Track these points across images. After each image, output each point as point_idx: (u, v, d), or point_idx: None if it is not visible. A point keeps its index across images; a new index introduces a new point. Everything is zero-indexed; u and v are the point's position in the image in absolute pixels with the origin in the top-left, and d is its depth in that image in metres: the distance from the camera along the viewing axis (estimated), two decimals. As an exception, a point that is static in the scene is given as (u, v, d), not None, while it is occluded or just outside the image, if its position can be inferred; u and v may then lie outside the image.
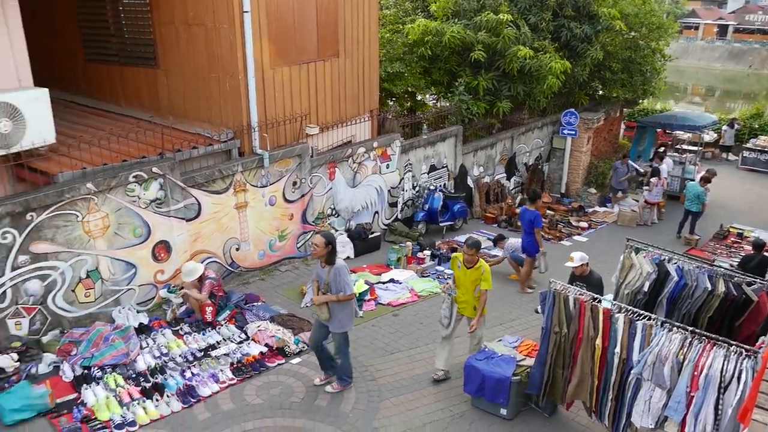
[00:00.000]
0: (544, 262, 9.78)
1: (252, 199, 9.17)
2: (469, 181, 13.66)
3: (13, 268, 6.72)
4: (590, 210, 14.78)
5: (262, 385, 6.65)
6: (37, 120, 7.08)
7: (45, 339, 7.05)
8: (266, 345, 7.30)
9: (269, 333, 7.42)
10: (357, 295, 8.48)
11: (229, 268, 9.12)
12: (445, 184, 12.97)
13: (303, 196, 9.94)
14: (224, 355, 7.07)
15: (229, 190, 8.82)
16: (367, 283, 8.95)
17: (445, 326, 6.85)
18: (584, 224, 13.59)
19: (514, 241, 10.11)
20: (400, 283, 9.41)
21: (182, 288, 7.88)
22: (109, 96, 10.43)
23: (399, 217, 12.15)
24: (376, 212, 11.62)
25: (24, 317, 6.91)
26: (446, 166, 12.97)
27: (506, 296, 9.34)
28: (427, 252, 10.68)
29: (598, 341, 5.63)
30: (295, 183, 9.78)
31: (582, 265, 7.45)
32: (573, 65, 14.28)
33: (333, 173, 10.49)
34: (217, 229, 8.79)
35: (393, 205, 11.97)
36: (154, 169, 7.77)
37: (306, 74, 10.16)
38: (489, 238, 11.68)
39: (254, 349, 7.20)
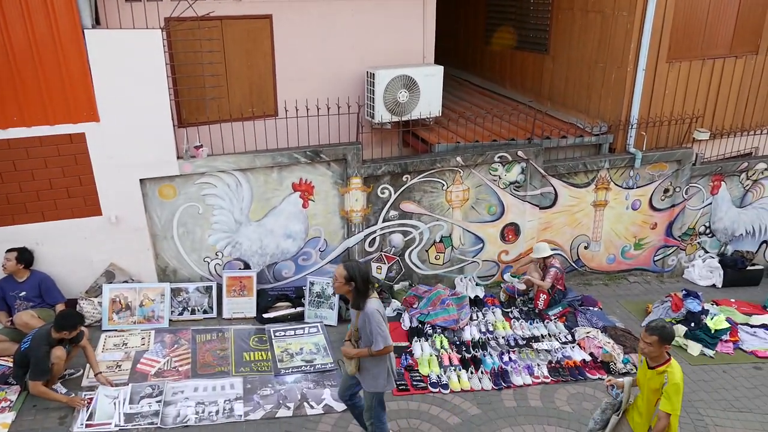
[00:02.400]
0: None
1: (613, 199, 8.59)
2: None
3: (384, 220, 7.72)
4: None
5: (575, 393, 6.28)
6: (429, 94, 7.89)
7: (396, 287, 7.97)
8: (591, 354, 6.85)
9: (597, 342, 6.93)
10: (714, 332, 7.31)
11: (573, 265, 8.79)
12: None
13: (673, 206, 8.87)
14: (545, 350, 6.90)
15: (591, 185, 8.42)
16: (729, 321, 7.56)
17: None
18: None
19: None
20: (776, 333, 7.69)
21: (525, 274, 7.94)
22: (498, 78, 10.97)
23: (797, 254, 9.90)
24: (765, 242, 9.67)
25: (384, 264, 7.92)
26: None
27: None
28: (826, 305, 8.45)
29: None
30: (666, 190, 8.78)
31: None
32: None
33: (717, 187, 9.06)
34: (569, 223, 8.52)
35: (791, 237, 9.79)
36: (519, 153, 7.90)
37: (709, 71, 8.91)
38: None
39: (577, 355, 6.84)
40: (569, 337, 7.22)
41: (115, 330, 6.74)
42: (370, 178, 7.47)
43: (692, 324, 7.44)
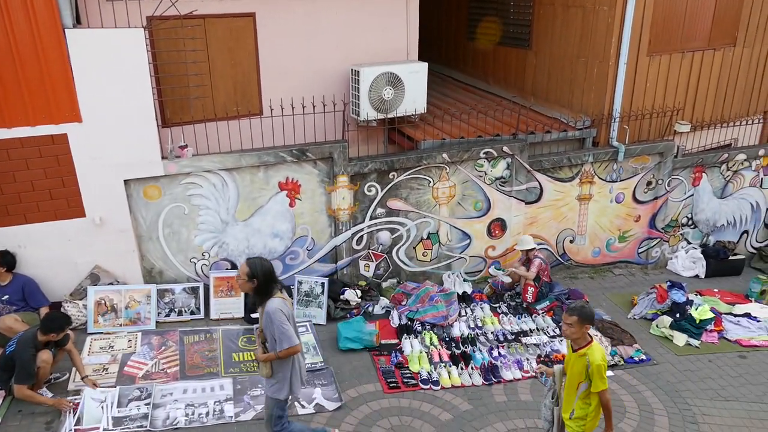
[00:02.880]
0: None
1: (597, 192, 8.67)
2: None
3: (372, 218, 7.71)
4: None
5: (565, 387, 6.33)
6: (414, 91, 7.89)
7: (384, 284, 7.98)
8: (579, 347, 6.90)
9: (585, 336, 6.99)
10: (698, 322, 7.41)
11: (559, 259, 8.86)
12: None
13: (656, 198, 8.97)
14: (534, 345, 6.95)
15: (575, 179, 8.49)
16: (713, 311, 7.67)
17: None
18: None
19: None
20: (758, 321, 7.80)
21: (510, 267, 7.99)
22: (481, 73, 11.00)
23: (776, 243, 10.08)
24: (746, 232, 9.83)
25: (372, 261, 7.91)
26: None
27: None
28: (807, 293, 8.61)
29: None
30: (649, 183, 8.88)
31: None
32: None
33: (698, 178, 9.18)
34: (554, 217, 8.58)
35: (771, 227, 9.97)
36: (505, 149, 7.93)
37: (688, 64, 9.02)
38: None
39: (565, 348, 6.88)
40: (557, 331, 7.27)
41: (101, 333, 6.66)
42: (357, 175, 7.45)
43: (677, 315, 7.53)
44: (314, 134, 7.47)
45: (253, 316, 7.13)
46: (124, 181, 6.57)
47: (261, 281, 4.27)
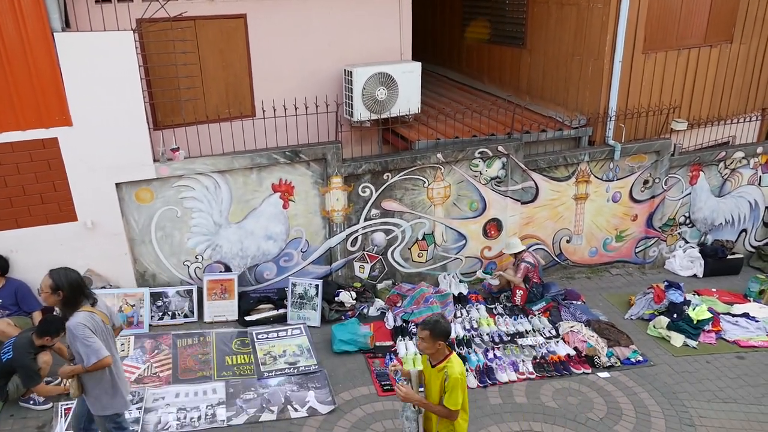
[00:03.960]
0: None
1: (594, 191, 8.62)
2: None
3: (366, 219, 7.67)
4: None
5: (561, 389, 6.28)
6: (407, 91, 7.84)
7: (379, 286, 7.93)
8: (575, 348, 6.86)
9: (581, 337, 6.94)
10: (696, 323, 7.35)
11: (556, 259, 8.81)
12: None
13: (653, 197, 8.91)
14: (530, 346, 6.89)
15: (571, 178, 8.43)
16: (711, 311, 7.61)
17: None
18: None
19: None
20: (757, 321, 7.75)
21: (498, 270, 7.96)
22: (476, 73, 10.95)
23: (775, 241, 10.02)
24: (744, 230, 9.77)
25: (367, 263, 7.87)
26: None
27: None
28: (806, 292, 8.55)
29: None
30: (646, 182, 8.82)
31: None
32: None
33: (696, 177, 9.13)
34: (551, 217, 8.53)
35: (769, 225, 9.91)
36: (500, 148, 7.88)
37: (684, 61, 8.97)
38: None
39: (561, 350, 6.84)
40: (553, 332, 7.23)
41: (94, 338, 6.61)
42: (351, 177, 7.41)
43: (674, 315, 7.48)
44: (307, 136, 7.41)
45: (247, 318, 7.10)
46: (116, 184, 6.53)
47: (67, 293, 4.02)
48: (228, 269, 7.32)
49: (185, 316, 7.05)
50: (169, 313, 7.01)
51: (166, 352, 6.43)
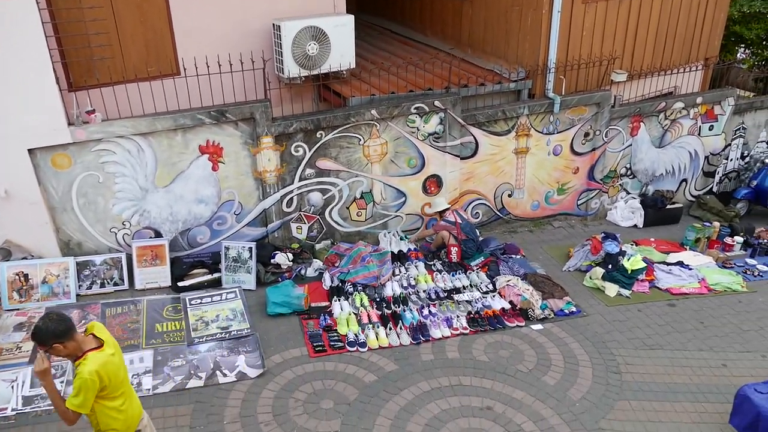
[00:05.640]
0: None
1: (534, 145, 8.56)
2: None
3: (301, 179, 7.49)
4: None
5: (493, 342, 6.33)
6: (340, 45, 7.56)
7: (318, 246, 7.82)
8: (510, 302, 6.90)
9: (516, 290, 6.98)
10: (630, 272, 7.45)
11: (498, 214, 8.80)
12: (791, 158, 10.35)
13: (594, 149, 8.91)
14: (466, 301, 6.91)
15: (511, 132, 8.35)
16: (645, 260, 7.72)
17: None
18: None
19: None
20: (690, 269, 7.91)
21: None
22: (419, 25, 10.67)
23: (714, 190, 10.16)
24: (684, 180, 9.89)
25: (305, 223, 7.73)
26: (796, 137, 10.28)
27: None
28: (739, 238, 8.75)
29: None
30: (587, 134, 8.80)
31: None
32: None
33: (636, 128, 9.14)
34: (492, 172, 8.48)
35: (709, 174, 10.03)
36: (436, 103, 7.72)
37: (626, 10, 8.85)
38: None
39: (497, 304, 6.88)
40: (490, 287, 7.25)
41: (17, 309, 6.40)
42: (282, 136, 7.19)
43: (610, 266, 7.56)
44: (235, 94, 7.13)
45: (180, 284, 6.94)
46: (29, 150, 6.21)
47: None
48: (158, 235, 7.12)
49: (115, 284, 6.86)
50: (98, 282, 6.81)
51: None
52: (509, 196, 8.77)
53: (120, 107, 6.72)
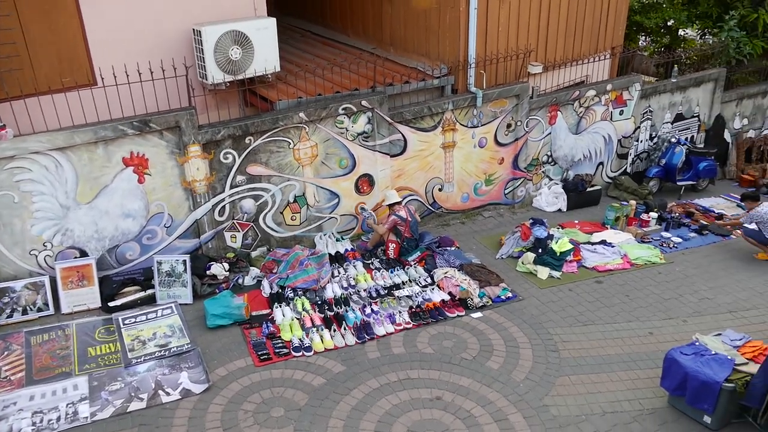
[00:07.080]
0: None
1: (460, 139, 8.77)
2: (727, 136, 11.47)
3: (232, 186, 7.35)
4: None
5: (436, 334, 6.46)
6: (264, 48, 7.46)
7: (254, 254, 7.70)
8: (449, 293, 7.05)
9: (454, 281, 7.14)
10: (559, 255, 7.78)
11: (430, 208, 8.96)
12: (692, 137, 11.08)
13: (517, 139, 9.23)
14: (406, 296, 7.00)
15: (438, 128, 8.52)
16: (572, 242, 8.09)
17: None
18: None
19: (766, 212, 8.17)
20: (613, 246, 8.34)
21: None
22: (341, 26, 10.69)
23: (628, 170, 10.76)
24: (601, 163, 10.41)
25: (239, 231, 7.60)
26: (697, 116, 11.02)
27: (748, 279, 7.71)
28: (654, 214, 9.29)
29: None
30: (509, 125, 9.10)
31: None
32: None
33: (554, 117, 9.53)
34: (421, 167, 8.62)
35: (622, 156, 10.60)
36: (363, 103, 7.77)
37: (537, 5, 9.21)
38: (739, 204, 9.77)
39: (436, 296, 7.02)
40: (429, 280, 7.38)
41: (-69, 346, 5.95)
42: (210, 143, 7.04)
43: (540, 250, 7.87)
44: (159, 103, 6.90)
45: (111, 304, 6.66)
46: (-67, 173, 5.79)
47: None
48: (84, 254, 6.79)
49: (39, 309, 6.51)
50: (19, 308, 6.43)
51: (17, 352, 5.90)
52: (440, 190, 8.95)
53: (34, 121, 6.37)
